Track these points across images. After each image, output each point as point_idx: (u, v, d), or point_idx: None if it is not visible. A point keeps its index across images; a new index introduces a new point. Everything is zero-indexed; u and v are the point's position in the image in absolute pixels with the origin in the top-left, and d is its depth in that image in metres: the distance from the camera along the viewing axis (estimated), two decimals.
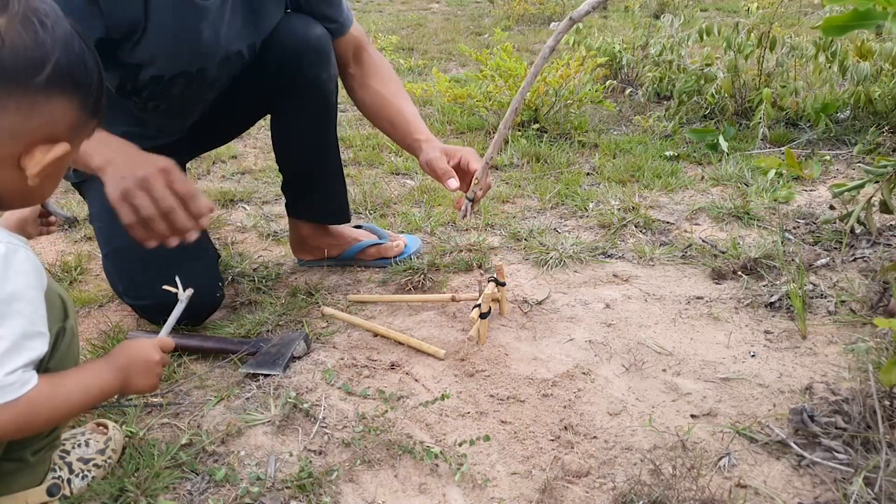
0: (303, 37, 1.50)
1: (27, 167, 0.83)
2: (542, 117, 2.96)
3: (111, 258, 1.47)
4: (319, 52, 1.52)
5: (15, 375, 0.79)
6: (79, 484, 1.00)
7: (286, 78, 1.52)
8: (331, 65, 1.56)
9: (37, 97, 0.81)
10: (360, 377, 1.31)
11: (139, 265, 1.42)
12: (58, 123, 0.84)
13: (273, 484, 1.04)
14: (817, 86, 2.88)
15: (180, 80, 1.40)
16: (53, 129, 0.84)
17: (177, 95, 1.43)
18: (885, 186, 1.67)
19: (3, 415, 0.79)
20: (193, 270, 1.46)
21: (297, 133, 1.60)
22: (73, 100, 0.84)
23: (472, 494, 1.03)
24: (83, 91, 0.85)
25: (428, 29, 5.93)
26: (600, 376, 1.30)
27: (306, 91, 1.55)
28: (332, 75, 1.57)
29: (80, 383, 0.89)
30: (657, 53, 3.23)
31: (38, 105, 0.81)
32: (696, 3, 6.60)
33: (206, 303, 1.49)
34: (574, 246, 1.83)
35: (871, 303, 1.49)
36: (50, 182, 0.90)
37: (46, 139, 0.83)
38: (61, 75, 0.82)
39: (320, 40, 1.53)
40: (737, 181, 2.30)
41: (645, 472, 1.05)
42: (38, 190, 0.88)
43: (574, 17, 2.05)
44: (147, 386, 0.98)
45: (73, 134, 0.87)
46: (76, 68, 0.83)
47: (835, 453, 1.05)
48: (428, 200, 2.22)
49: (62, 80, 0.82)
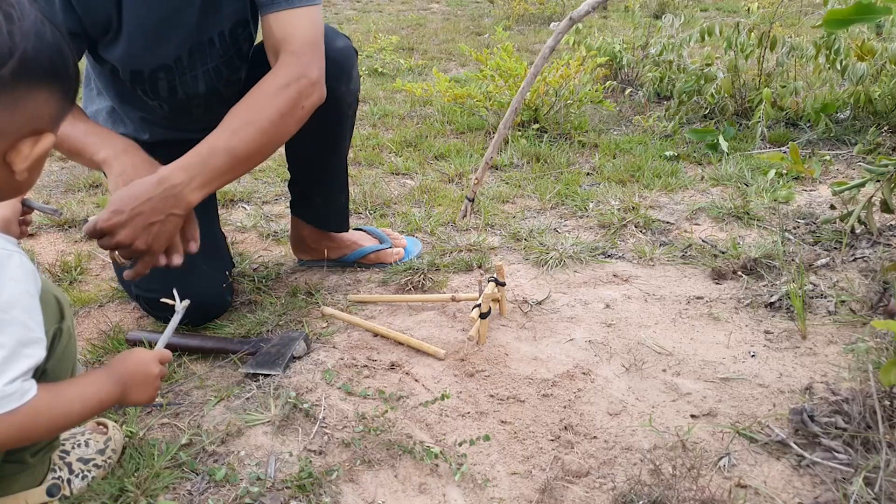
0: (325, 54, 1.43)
1: (14, 162, 0.82)
2: (542, 117, 2.96)
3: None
4: (341, 65, 1.47)
5: (14, 385, 0.79)
6: (79, 484, 1.00)
7: None
8: (351, 80, 1.52)
9: (16, 92, 0.79)
10: (360, 377, 1.31)
11: None
12: (42, 116, 0.83)
13: (273, 484, 1.04)
14: (817, 86, 2.88)
15: (161, 73, 1.39)
16: (38, 122, 0.83)
17: (167, 89, 1.43)
18: (886, 186, 1.67)
19: (3, 425, 0.78)
20: (205, 272, 1.47)
21: (308, 140, 1.55)
22: (52, 90, 0.83)
23: (472, 494, 1.03)
24: (62, 79, 0.84)
25: (428, 29, 5.93)
26: (600, 376, 1.30)
27: (324, 103, 1.45)
28: (351, 90, 1.53)
29: (80, 394, 0.88)
30: (657, 53, 3.23)
31: (20, 100, 0.80)
32: (696, 3, 6.60)
33: (213, 306, 1.50)
34: (574, 246, 1.83)
35: (871, 303, 1.49)
36: (36, 172, 0.88)
37: (31, 132, 0.82)
38: (36, 67, 0.80)
39: (341, 53, 1.48)
40: (737, 181, 2.30)
41: (645, 472, 1.05)
42: (26, 181, 0.87)
43: (574, 17, 2.04)
44: (145, 398, 0.97)
45: (56, 123, 0.86)
46: (52, 58, 0.81)
47: (835, 453, 1.05)
48: (428, 200, 2.22)
49: (38, 71, 0.80)
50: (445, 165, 2.55)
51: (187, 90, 1.46)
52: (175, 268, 1.27)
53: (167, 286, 1.41)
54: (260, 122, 1.25)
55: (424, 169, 2.55)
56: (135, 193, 1.17)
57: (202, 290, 1.45)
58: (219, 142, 1.23)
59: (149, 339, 1.38)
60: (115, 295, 1.64)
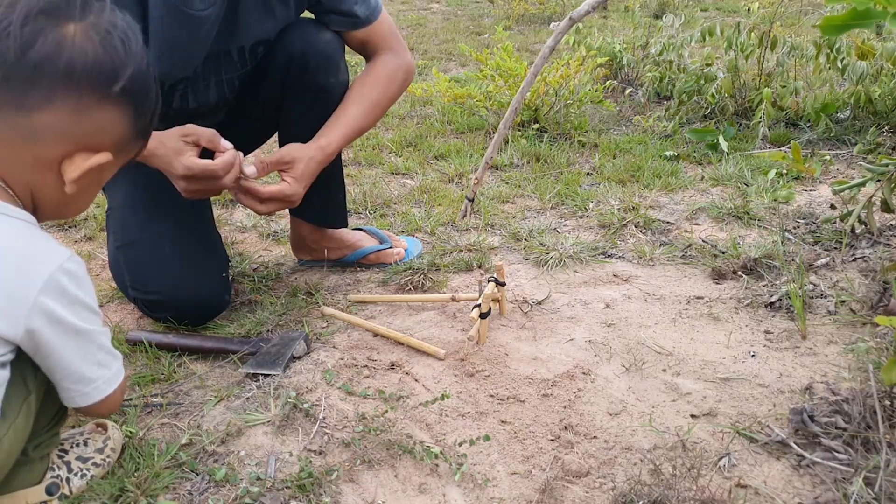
0: (310, 41, 1.49)
1: (66, 171, 0.85)
2: (542, 117, 2.96)
3: (124, 250, 1.47)
4: (328, 57, 1.51)
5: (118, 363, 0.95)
6: (78, 483, 1.00)
7: (292, 80, 1.52)
8: (339, 71, 1.54)
9: (92, 103, 0.84)
10: (360, 377, 1.31)
11: (152, 260, 1.44)
12: (105, 133, 0.87)
13: (273, 484, 1.04)
14: (817, 86, 2.88)
15: (179, 85, 1.42)
16: (100, 137, 0.87)
17: (179, 100, 1.45)
18: (886, 185, 1.67)
19: (125, 381, 0.97)
20: (203, 270, 1.48)
21: (301, 135, 1.58)
22: (126, 114, 0.88)
23: (472, 494, 1.03)
24: (139, 108, 0.89)
25: (428, 29, 5.93)
26: (600, 376, 1.30)
27: (312, 95, 1.53)
28: (340, 81, 1.55)
29: None
30: (657, 53, 3.23)
31: (91, 111, 0.84)
32: (696, 3, 6.60)
33: (212, 306, 1.49)
34: (574, 246, 1.83)
35: (871, 303, 1.49)
36: (85, 195, 0.94)
37: (91, 147, 0.86)
38: (126, 89, 0.86)
39: (328, 45, 1.51)
40: (737, 181, 2.30)
41: (645, 472, 1.05)
42: (73, 200, 0.91)
43: (574, 17, 2.04)
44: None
45: (118, 148, 0.90)
46: (140, 85, 0.88)
47: (835, 453, 1.05)
48: (428, 200, 2.22)
49: (124, 92, 0.86)
50: (445, 165, 2.55)
51: (199, 99, 1.48)
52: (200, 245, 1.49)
53: (165, 287, 1.42)
54: (384, 103, 1.56)
55: (424, 169, 2.55)
56: (311, 170, 1.43)
57: (200, 290, 1.46)
58: (359, 122, 1.51)
59: (149, 339, 1.38)
60: (115, 295, 1.64)
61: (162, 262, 1.44)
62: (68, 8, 0.83)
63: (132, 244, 1.47)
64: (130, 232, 1.47)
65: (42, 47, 0.80)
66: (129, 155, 0.94)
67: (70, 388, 0.90)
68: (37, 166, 0.85)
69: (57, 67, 0.81)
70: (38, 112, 0.82)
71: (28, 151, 0.84)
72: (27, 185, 0.86)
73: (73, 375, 0.89)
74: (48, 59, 0.81)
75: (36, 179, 0.86)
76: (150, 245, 1.45)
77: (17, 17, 0.80)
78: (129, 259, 1.47)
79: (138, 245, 1.46)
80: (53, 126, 0.82)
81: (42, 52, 0.80)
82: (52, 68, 0.81)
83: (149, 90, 0.90)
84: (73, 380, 0.90)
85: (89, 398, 0.92)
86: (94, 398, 0.92)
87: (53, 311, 0.83)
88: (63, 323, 0.84)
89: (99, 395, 0.92)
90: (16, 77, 0.81)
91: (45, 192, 0.87)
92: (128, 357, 1.38)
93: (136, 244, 1.46)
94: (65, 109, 0.82)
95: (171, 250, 1.45)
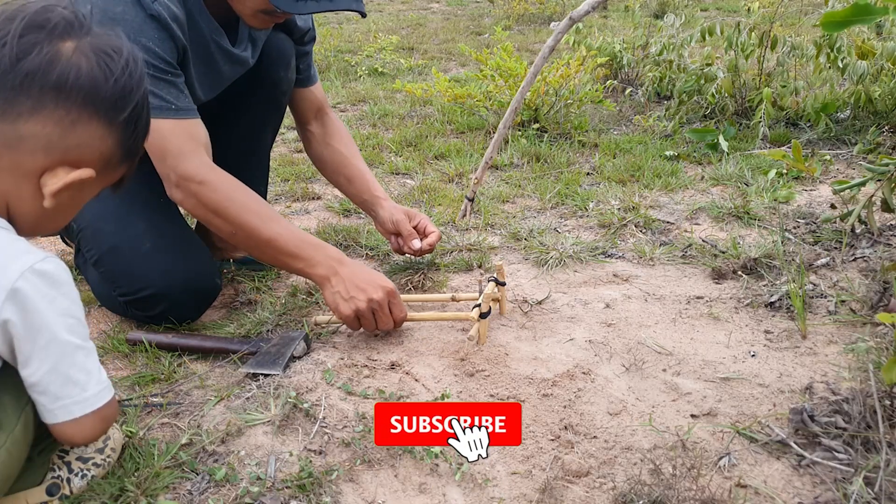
0: (267, 41, 1.63)
1: (46, 184, 0.84)
2: (542, 117, 2.96)
3: (105, 260, 1.46)
4: (282, 52, 1.65)
5: (104, 375, 0.89)
6: (78, 483, 1.00)
7: (250, 72, 1.63)
8: (290, 68, 1.68)
9: (79, 117, 0.84)
10: (360, 377, 1.31)
11: (135, 260, 1.44)
12: (91, 149, 0.86)
13: (273, 484, 1.04)
14: (817, 85, 2.88)
15: (214, 102, 1.60)
16: (85, 153, 0.86)
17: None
18: (887, 185, 1.67)
19: (107, 410, 0.89)
20: (188, 257, 1.48)
21: (238, 123, 1.72)
22: (114, 133, 0.87)
23: (472, 494, 1.03)
24: (128, 129, 0.89)
25: (428, 29, 5.93)
26: (600, 376, 1.30)
27: (261, 84, 1.65)
28: (288, 77, 1.68)
29: None
30: (657, 53, 3.23)
31: (78, 125, 0.84)
32: (697, 3, 6.60)
33: (205, 287, 1.49)
34: (574, 246, 1.83)
35: (871, 302, 1.48)
36: (63, 212, 0.91)
37: (74, 162, 0.85)
38: (117, 108, 0.86)
39: (284, 43, 1.65)
40: (737, 181, 2.30)
41: (645, 471, 1.05)
42: (51, 216, 0.89)
43: (574, 17, 2.04)
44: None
45: (102, 166, 0.89)
46: (131, 107, 0.88)
47: (835, 453, 1.05)
48: (428, 200, 2.22)
49: (114, 111, 0.86)
50: (445, 165, 2.55)
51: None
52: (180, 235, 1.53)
53: (154, 279, 1.42)
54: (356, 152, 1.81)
55: (424, 169, 2.55)
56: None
57: (189, 276, 1.46)
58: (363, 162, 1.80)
59: (149, 339, 1.38)
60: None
61: (145, 259, 1.43)
62: (69, 27, 0.84)
63: (110, 251, 1.46)
64: (106, 240, 1.46)
65: (36, 58, 0.81)
66: (112, 177, 0.93)
67: (36, 398, 0.85)
68: (15, 174, 0.84)
69: (48, 78, 0.81)
70: (24, 120, 0.81)
71: (7, 157, 0.83)
72: (3, 194, 0.85)
73: (38, 385, 0.84)
74: (41, 69, 0.81)
75: (12, 189, 0.84)
76: (129, 246, 1.45)
77: (16, 28, 0.80)
78: (110, 267, 1.46)
79: (117, 250, 1.45)
80: (38, 135, 0.82)
81: (35, 62, 0.81)
82: (44, 78, 0.81)
83: (140, 113, 0.89)
84: (38, 390, 0.84)
85: (53, 416, 0.85)
86: (59, 418, 0.85)
87: (26, 299, 0.79)
88: (34, 314, 0.80)
89: (64, 416, 0.85)
90: (6, 84, 0.80)
91: (22, 204, 0.86)
92: (128, 357, 1.38)
93: (114, 250, 1.45)
94: (52, 120, 0.82)
95: (152, 246, 1.45)
